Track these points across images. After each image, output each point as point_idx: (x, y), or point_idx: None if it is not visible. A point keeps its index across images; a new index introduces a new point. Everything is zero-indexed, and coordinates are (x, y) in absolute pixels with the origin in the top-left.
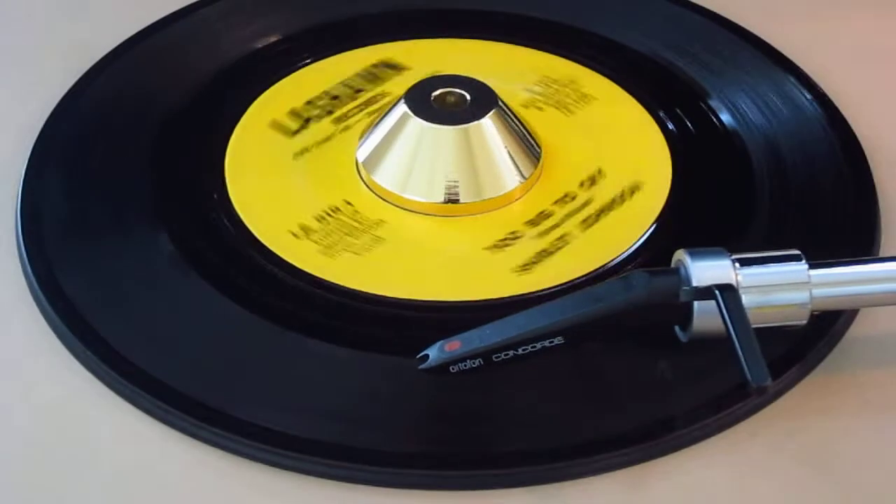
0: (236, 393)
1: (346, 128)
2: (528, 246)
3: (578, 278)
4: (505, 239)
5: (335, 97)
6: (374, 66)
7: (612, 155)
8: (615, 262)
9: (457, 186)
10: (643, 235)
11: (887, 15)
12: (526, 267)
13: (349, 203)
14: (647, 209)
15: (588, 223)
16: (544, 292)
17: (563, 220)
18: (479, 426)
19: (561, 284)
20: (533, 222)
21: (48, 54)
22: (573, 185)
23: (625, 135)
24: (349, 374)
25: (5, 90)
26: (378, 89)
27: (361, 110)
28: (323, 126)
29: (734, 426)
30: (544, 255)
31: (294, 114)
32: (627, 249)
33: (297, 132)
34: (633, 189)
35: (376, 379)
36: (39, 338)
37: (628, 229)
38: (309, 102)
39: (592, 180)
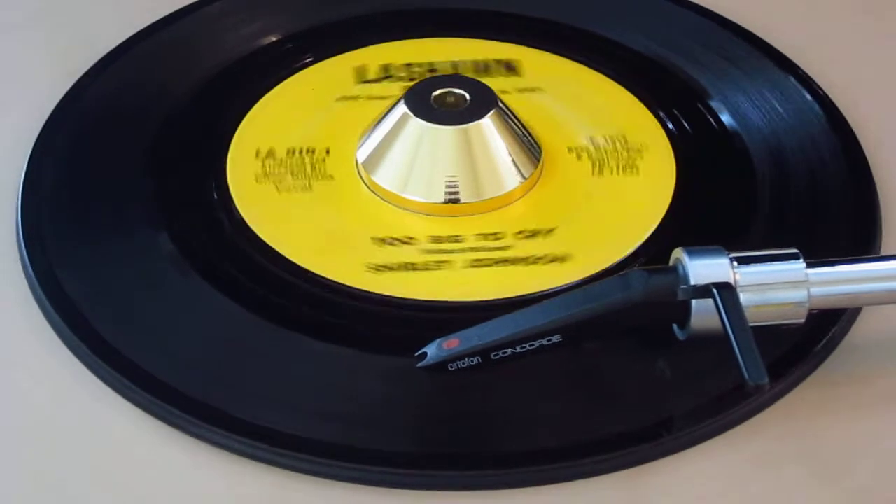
0: (236, 393)
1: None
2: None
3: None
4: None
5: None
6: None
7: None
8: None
9: (457, 186)
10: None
11: (888, 15)
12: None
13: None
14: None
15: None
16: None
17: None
18: (478, 426)
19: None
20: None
21: (49, 53)
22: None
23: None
24: (348, 373)
25: (6, 89)
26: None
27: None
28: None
29: (736, 427)
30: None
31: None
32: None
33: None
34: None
35: (375, 378)
36: (39, 338)
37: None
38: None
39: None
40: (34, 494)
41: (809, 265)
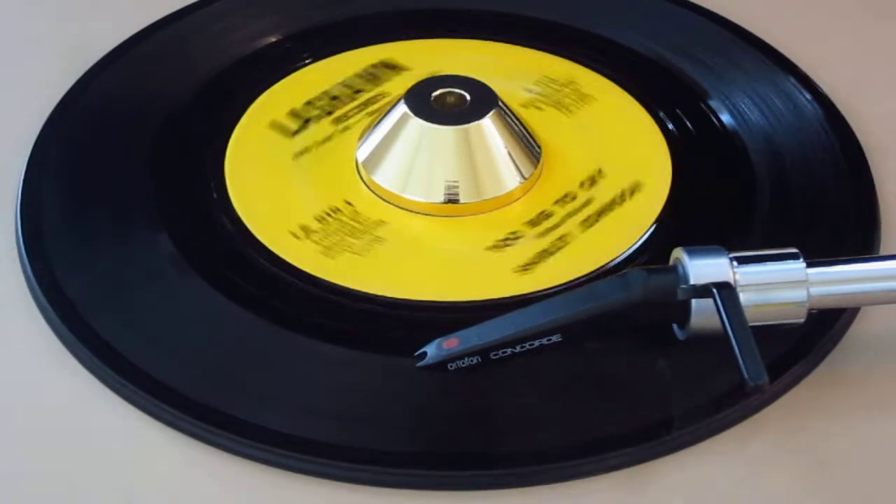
0: (236, 393)
1: (346, 128)
2: (529, 246)
3: (578, 278)
4: (506, 239)
5: (335, 97)
6: (374, 66)
7: (612, 155)
8: (615, 262)
9: (457, 186)
10: (643, 236)
11: (888, 15)
12: (526, 267)
13: (349, 203)
14: (647, 209)
15: (588, 223)
16: (544, 292)
17: (563, 221)
18: (478, 426)
19: (561, 284)
20: (533, 222)
21: (48, 54)
22: (573, 185)
23: (625, 135)
24: (348, 373)
25: (5, 90)
26: (377, 89)
27: (361, 110)
28: (323, 126)
29: (736, 425)
30: (545, 255)
31: (294, 114)
32: (627, 250)
33: (296, 132)
34: (633, 189)
35: (375, 378)
36: (39, 338)
37: (628, 229)
38: (308, 103)
39: (592, 181)
40: (33, 494)
41: (809, 265)
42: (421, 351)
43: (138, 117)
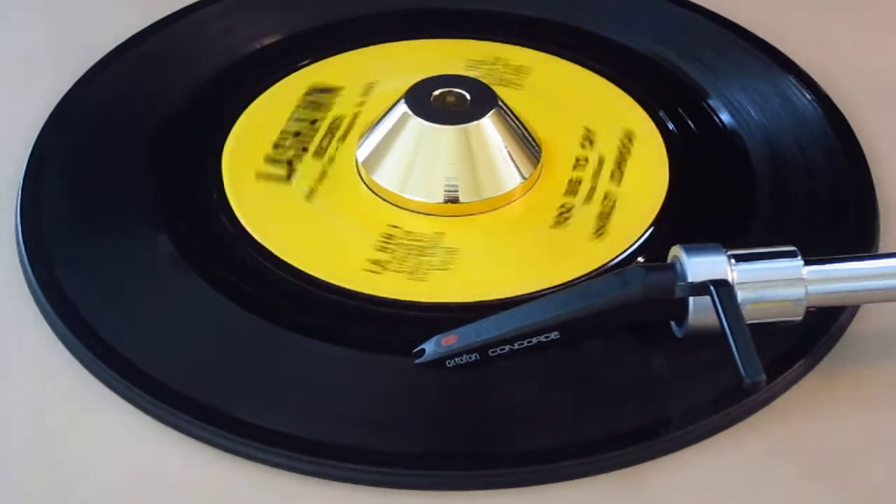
0: (236, 393)
1: (332, 159)
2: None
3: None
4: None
5: (297, 133)
6: (308, 94)
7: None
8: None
9: (456, 186)
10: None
11: (888, 15)
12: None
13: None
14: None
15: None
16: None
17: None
18: (476, 425)
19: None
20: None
21: (48, 54)
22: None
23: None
24: (346, 372)
25: (5, 90)
26: (330, 114)
27: (332, 137)
28: (308, 164)
29: (735, 424)
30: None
31: (272, 160)
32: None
33: (289, 177)
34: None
35: (374, 378)
36: (39, 338)
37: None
38: (276, 146)
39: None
40: (33, 495)
41: (807, 263)
42: (419, 348)
43: (138, 117)
